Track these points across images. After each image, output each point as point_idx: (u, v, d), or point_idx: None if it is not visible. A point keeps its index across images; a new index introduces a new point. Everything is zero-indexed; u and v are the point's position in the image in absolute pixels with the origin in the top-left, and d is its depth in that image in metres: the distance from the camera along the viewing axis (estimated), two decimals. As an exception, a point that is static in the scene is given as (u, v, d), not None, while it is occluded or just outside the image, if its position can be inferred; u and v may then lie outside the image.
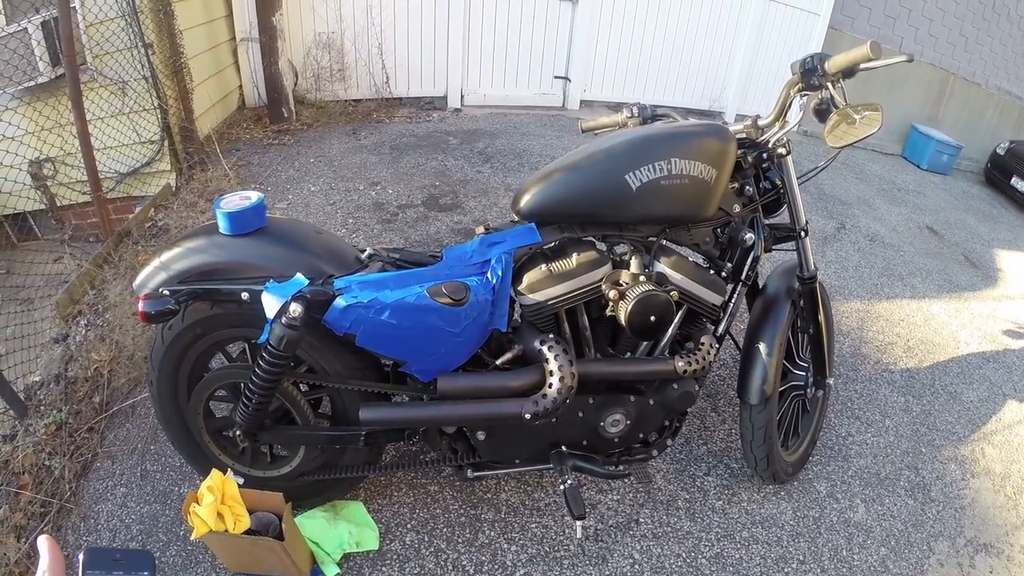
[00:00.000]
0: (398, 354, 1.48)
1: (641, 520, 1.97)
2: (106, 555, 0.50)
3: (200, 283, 1.46)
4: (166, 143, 3.64)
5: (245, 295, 1.44)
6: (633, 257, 1.59)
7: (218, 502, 1.55)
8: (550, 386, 1.49)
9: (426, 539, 1.86)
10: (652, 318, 1.51)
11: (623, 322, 1.52)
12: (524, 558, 1.83)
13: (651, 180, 1.52)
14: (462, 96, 5.58)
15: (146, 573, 0.49)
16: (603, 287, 1.56)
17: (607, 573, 1.83)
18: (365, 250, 1.64)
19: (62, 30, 2.77)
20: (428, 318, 1.42)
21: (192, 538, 1.51)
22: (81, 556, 0.49)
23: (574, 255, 1.55)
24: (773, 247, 1.84)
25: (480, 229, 1.64)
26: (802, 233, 1.83)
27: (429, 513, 1.93)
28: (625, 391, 1.69)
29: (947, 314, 3.06)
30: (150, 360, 1.63)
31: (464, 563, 1.82)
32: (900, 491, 2.13)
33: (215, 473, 1.58)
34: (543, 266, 1.54)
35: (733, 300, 1.82)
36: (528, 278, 1.54)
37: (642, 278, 1.56)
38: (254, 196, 1.52)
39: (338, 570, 1.73)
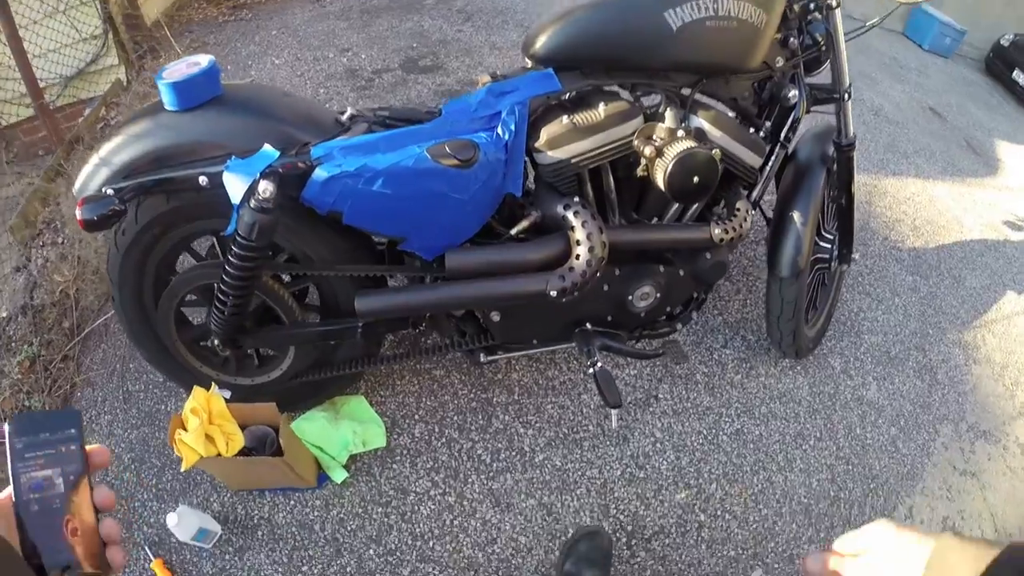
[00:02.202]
0: (395, 230, 1.18)
1: (660, 396, 1.75)
2: (32, 419, 0.46)
3: (149, 174, 1.13)
4: (110, 36, 3.06)
5: (203, 179, 1.10)
6: (668, 109, 1.25)
7: (205, 423, 1.27)
8: (577, 257, 1.21)
9: (436, 430, 1.63)
10: (695, 179, 1.21)
11: (661, 183, 1.21)
12: (542, 442, 1.61)
13: (695, 20, 1.20)
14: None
15: (73, 431, 0.45)
16: (635, 143, 1.23)
17: (629, 452, 1.63)
18: (346, 111, 1.26)
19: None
20: (430, 184, 1.11)
21: (183, 469, 1.23)
22: (7, 425, 0.45)
23: (601, 105, 1.23)
24: (811, 109, 1.51)
25: (485, 78, 1.28)
26: (845, 95, 1.49)
27: (437, 401, 1.69)
28: (654, 261, 1.39)
29: (951, 198, 2.87)
30: (108, 273, 1.31)
31: (479, 452, 1.59)
32: (909, 372, 2.02)
33: (198, 391, 1.29)
34: (565, 118, 1.22)
35: (770, 164, 1.50)
36: (547, 132, 1.22)
37: (680, 133, 1.22)
38: (204, 60, 1.16)
39: (346, 474, 1.50)
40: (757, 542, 1.54)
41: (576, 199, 1.24)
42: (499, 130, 1.17)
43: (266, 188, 1.04)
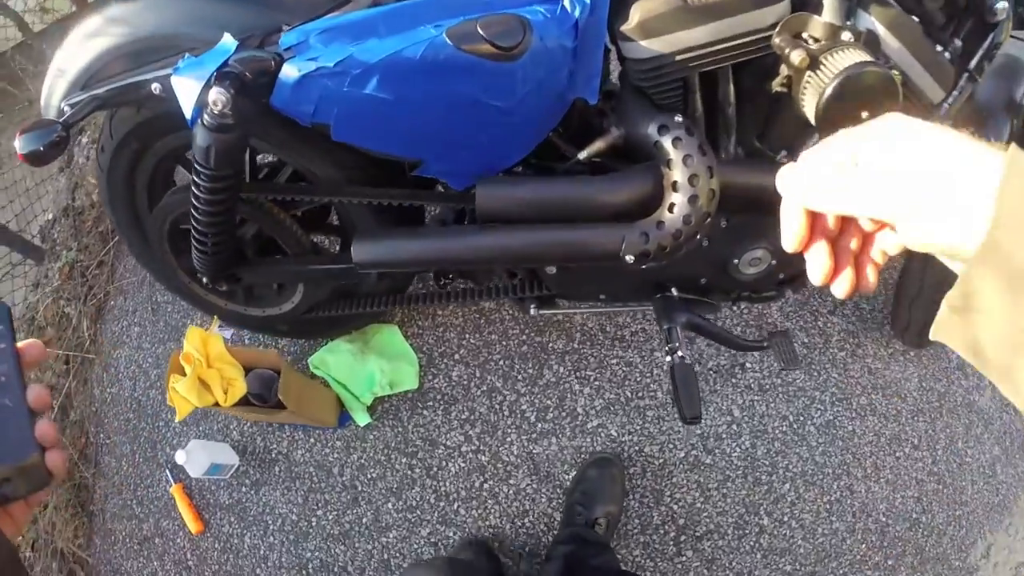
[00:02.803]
0: (403, 150, 0.87)
1: (748, 366, 1.40)
2: None
3: (94, 87, 0.86)
4: None
5: (156, 87, 0.81)
6: None
7: (203, 367, 1.05)
8: (671, 208, 0.84)
9: (477, 375, 1.39)
10: (864, 113, 0.75)
11: (810, 108, 0.78)
12: (599, 405, 1.34)
13: None
14: None
15: (1, 327, 0.41)
16: (776, 41, 0.78)
17: (698, 431, 1.36)
18: None
19: None
20: (453, 84, 0.77)
21: (177, 419, 1.05)
22: None
23: None
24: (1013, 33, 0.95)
25: None
26: None
27: (482, 339, 1.43)
28: (775, 212, 0.96)
29: None
30: (100, 197, 1.06)
31: (523, 407, 1.35)
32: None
33: (192, 332, 1.08)
34: None
35: (950, 100, 0.97)
36: (642, 10, 0.79)
37: (846, 36, 0.75)
38: None
39: (369, 419, 1.30)
40: (819, 559, 1.28)
41: (678, 117, 0.83)
42: (565, 2, 0.77)
43: (218, 98, 0.72)
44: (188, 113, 0.76)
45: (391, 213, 1.00)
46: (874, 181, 0.33)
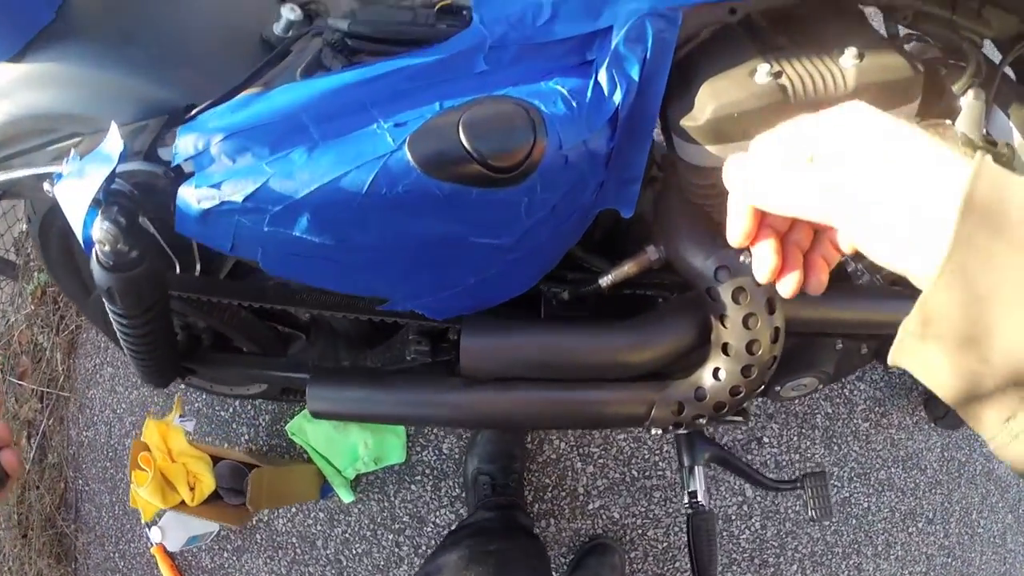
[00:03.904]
0: (360, 291, 0.66)
1: (765, 439, 1.25)
2: None
3: None
4: None
5: (47, 188, 0.57)
6: (970, 90, 0.53)
7: (165, 462, 0.91)
8: (717, 374, 0.64)
9: (471, 444, 1.23)
10: None
11: None
12: (601, 485, 1.21)
13: None
14: None
15: None
16: None
17: None
18: (289, 5, 0.63)
19: None
20: (420, 223, 0.55)
21: (144, 520, 0.93)
22: None
23: (850, 55, 0.50)
24: None
25: None
26: None
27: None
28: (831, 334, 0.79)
29: None
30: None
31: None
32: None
33: (150, 426, 0.91)
34: (762, 67, 0.50)
35: None
36: (718, 102, 0.51)
37: (982, 157, 0.54)
38: None
39: (352, 496, 1.16)
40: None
41: (744, 258, 0.57)
42: (600, 76, 0.51)
43: (106, 236, 0.52)
44: (79, 235, 0.55)
45: (359, 328, 0.82)
46: (827, 188, 0.29)
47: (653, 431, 0.69)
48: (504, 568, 0.82)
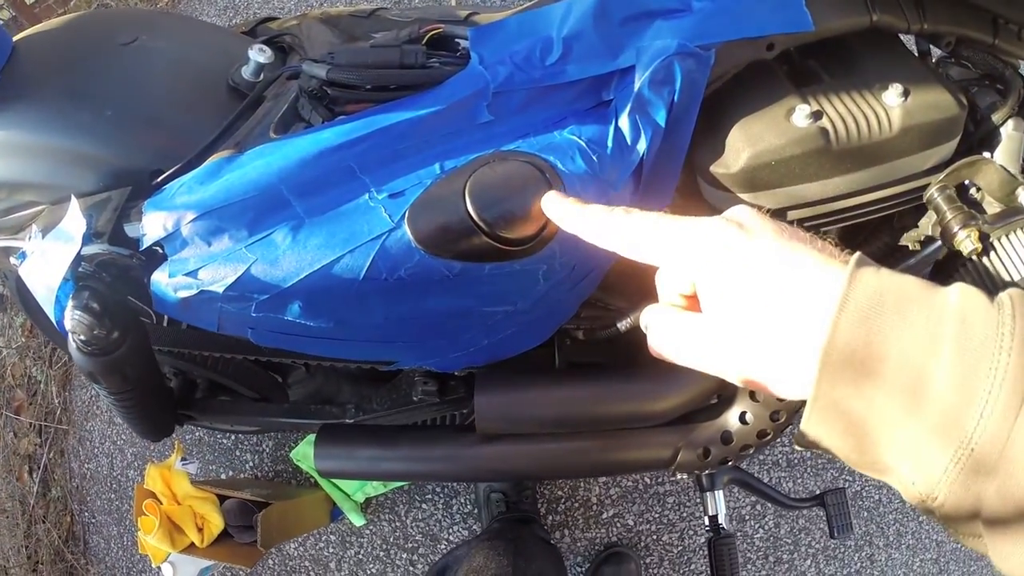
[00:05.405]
0: (362, 357, 0.59)
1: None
2: None
3: None
4: None
5: (14, 263, 0.51)
6: (1010, 122, 0.48)
7: (171, 507, 0.86)
8: (744, 418, 0.61)
9: (480, 453, 1.18)
10: None
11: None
12: (615, 494, 1.18)
13: None
14: None
15: None
16: (934, 197, 0.51)
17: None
18: (257, 46, 0.55)
19: None
20: (426, 301, 0.48)
21: (154, 565, 0.89)
22: None
23: (894, 93, 0.45)
24: None
25: None
26: None
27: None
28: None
29: None
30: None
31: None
32: None
33: (152, 472, 0.86)
34: (800, 108, 0.45)
35: None
36: (753, 150, 0.46)
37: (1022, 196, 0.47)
38: None
39: (363, 520, 1.12)
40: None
41: None
42: (621, 122, 0.46)
43: (78, 327, 0.46)
44: (51, 315, 0.49)
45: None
46: (714, 345, 0.28)
47: (679, 475, 0.65)
48: (520, 554, 0.79)
